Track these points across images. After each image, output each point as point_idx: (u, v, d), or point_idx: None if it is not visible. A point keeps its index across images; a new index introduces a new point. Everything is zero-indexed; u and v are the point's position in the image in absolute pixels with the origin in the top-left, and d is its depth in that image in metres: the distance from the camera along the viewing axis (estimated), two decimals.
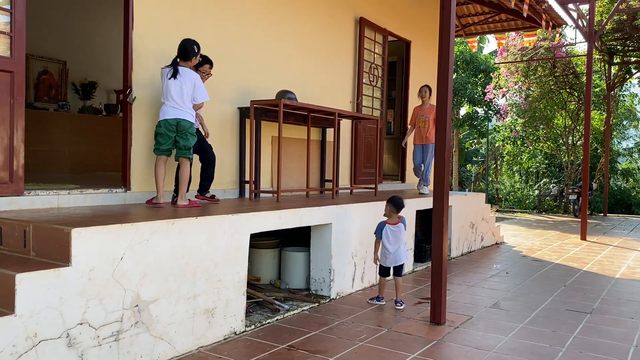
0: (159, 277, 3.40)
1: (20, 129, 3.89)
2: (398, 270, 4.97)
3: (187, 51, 4.53)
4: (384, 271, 5.00)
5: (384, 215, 5.04)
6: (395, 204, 4.97)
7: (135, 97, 4.72)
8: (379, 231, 4.92)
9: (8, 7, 3.84)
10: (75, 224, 3.12)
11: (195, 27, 5.32)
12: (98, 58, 9.18)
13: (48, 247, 3.08)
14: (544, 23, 10.49)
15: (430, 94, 7.85)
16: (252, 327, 4.13)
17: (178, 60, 4.50)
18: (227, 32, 5.70)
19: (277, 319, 4.37)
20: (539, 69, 16.10)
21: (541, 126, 17.39)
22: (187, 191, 4.54)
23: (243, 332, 4.04)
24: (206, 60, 5.02)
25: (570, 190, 15.42)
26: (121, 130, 4.80)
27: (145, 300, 3.31)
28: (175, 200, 4.67)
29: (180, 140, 4.43)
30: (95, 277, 3.03)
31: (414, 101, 9.60)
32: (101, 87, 9.15)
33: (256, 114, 5.65)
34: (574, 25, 10.83)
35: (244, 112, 5.83)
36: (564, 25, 11.81)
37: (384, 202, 5.97)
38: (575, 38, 21.04)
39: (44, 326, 2.78)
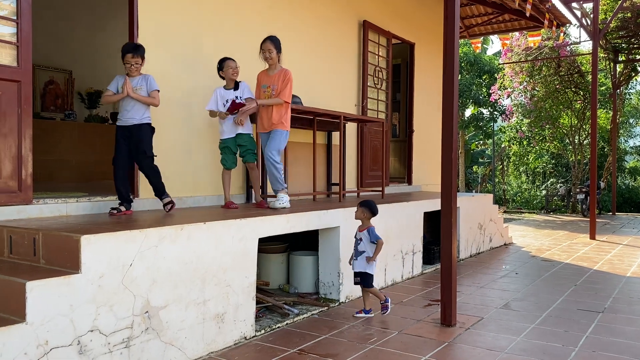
0: (169, 283, 3.40)
1: (28, 138, 3.91)
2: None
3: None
4: (372, 280, 4.66)
5: (356, 218, 4.72)
6: (372, 208, 4.67)
7: None
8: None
9: (15, 17, 3.87)
10: (84, 231, 3.13)
11: (200, 35, 5.34)
12: (103, 67, 9.20)
13: (58, 255, 3.09)
14: (547, 22, 10.48)
15: (278, 52, 5.00)
16: (262, 331, 4.13)
17: None
18: (230, 40, 5.71)
19: (286, 323, 4.36)
20: (543, 68, 16.05)
21: (547, 126, 17.33)
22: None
23: (253, 336, 4.03)
24: (123, 50, 4.46)
25: (577, 190, 15.33)
26: None
27: (155, 307, 3.31)
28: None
29: None
30: (105, 284, 3.03)
31: (419, 104, 9.60)
32: None
33: None
34: (578, 24, 10.79)
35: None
36: (568, 24, 11.79)
37: (393, 205, 5.95)
38: (580, 37, 20.95)
39: (55, 334, 2.78)
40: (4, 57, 3.80)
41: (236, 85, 5.09)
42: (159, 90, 4.45)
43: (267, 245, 5.31)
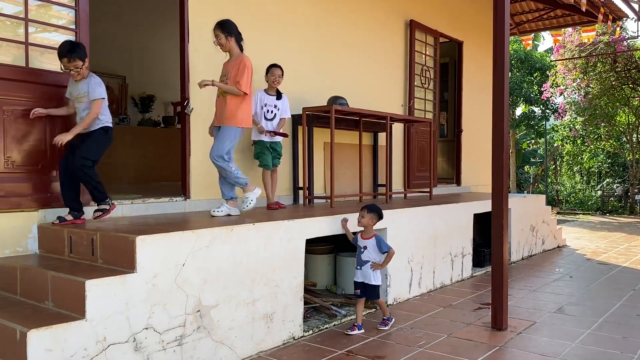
0: (219, 282, 3.47)
1: None
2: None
3: None
4: (378, 291, 4.33)
5: (362, 225, 4.33)
6: (380, 212, 4.34)
7: (192, 108, 4.86)
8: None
9: (73, 27, 4.05)
10: (139, 232, 3.23)
11: (250, 40, 5.40)
12: (155, 72, 9.50)
13: (114, 255, 3.21)
14: (602, 17, 10.09)
15: (228, 36, 4.35)
16: (310, 332, 4.15)
17: None
18: (280, 45, 5.77)
19: (334, 324, 4.37)
20: (598, 64, 15.48)
21: (602, 124, 16.70)
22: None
23: (301, 337, 4.06)
24: (58, 55, 3.79)
25: (636, 190, 14.71)
26: (179, 141, 4.94)
27: (207, 306, 3.38)
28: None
29: None
30: (159, 283, 3.12)
31: (468, 103, 9.44)
32: (159, 100, 9.47)
33: (308, 121, 5.70)
34: (635, 17, 10.35)
35: (296, 120, 5.88)
36: (624, 18, 11.32)
37: (441, 206, 5.86)
38: (638, 31, 20.07)
39: (112, 331, 2.89)
40: None
41: (279, 95, 5.32)
42: (104, 98, 3.91)
43: (314, 246, 5.34)
